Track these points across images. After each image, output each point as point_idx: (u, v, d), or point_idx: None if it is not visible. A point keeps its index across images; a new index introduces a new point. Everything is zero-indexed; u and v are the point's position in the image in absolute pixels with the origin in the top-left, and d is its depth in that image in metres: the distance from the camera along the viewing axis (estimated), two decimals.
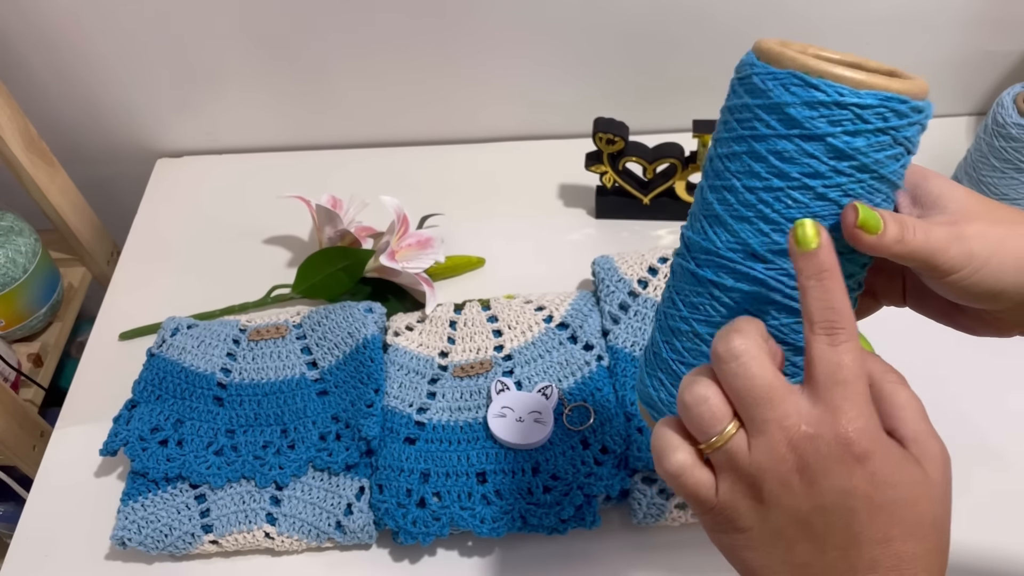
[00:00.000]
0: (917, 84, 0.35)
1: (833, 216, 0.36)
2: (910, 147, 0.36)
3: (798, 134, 0.35)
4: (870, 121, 0.34)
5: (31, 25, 0.84)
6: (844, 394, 0.32)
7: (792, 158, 0.35)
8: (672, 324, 0.40)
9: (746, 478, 0.33)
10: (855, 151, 0.35)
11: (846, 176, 0.35)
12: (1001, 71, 0.90)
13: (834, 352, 0.32)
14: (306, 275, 0.78)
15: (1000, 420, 0.68)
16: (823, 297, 0.33)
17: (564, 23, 0.84)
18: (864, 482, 0.31)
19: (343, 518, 0.62)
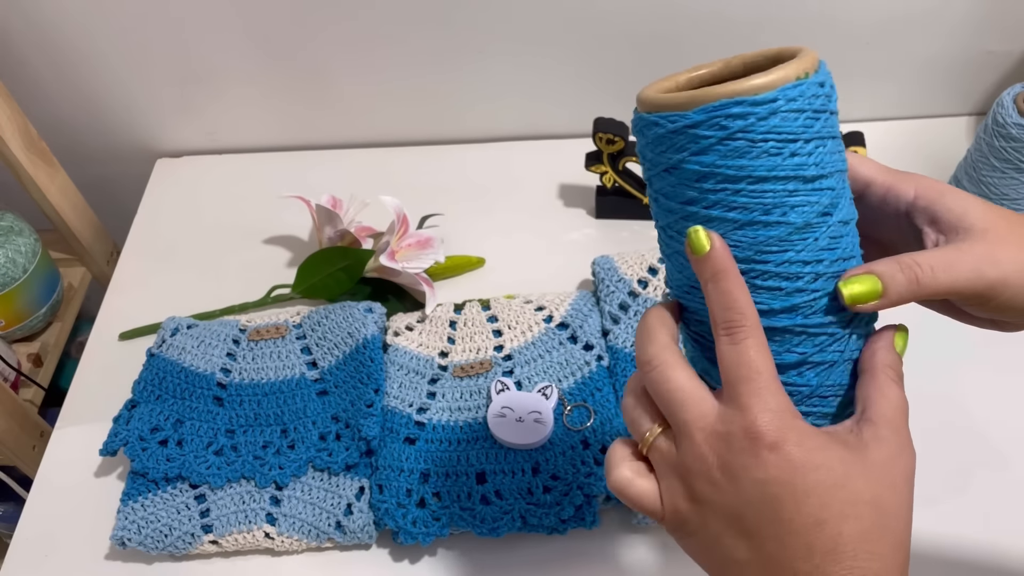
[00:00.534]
0: (777, 74, 0.34)
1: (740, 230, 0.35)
2: (786, 137, 0.34)
3: (661, 170, 0.36)
4: (709, 136, 0.34)
5: (31, 25, 0.84)
6: (749, 389, 0.33)
7: (668, 193, 0.36)
8: None
9: (679, 479, 0.34)
10: (711, 166, 0.34)
11: (720, 192, 0.35)
12: (1001, 71, 0.90)
13: (735, 350, 0.33)
14: (306, 275, 0.78)
15: (1000, 419, 0.68)
16: (720, 298, 0.34)
17: (564, 23, 0.84)
18: (780, 470, 0.32)
19: (343, 518, 0.62)
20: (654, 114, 0.36)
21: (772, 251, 0.35)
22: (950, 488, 0.64)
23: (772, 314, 0.36)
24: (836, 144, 0.36)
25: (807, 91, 0.34)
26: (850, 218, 0.37)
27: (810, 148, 0.35)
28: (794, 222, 0.35)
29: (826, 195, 0.35)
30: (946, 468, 0.65)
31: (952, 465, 0.65)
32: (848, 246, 0.37)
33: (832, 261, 0.36)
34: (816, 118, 0.35)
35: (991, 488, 0.64)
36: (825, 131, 0.35)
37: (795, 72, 0.34)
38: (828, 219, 0.35)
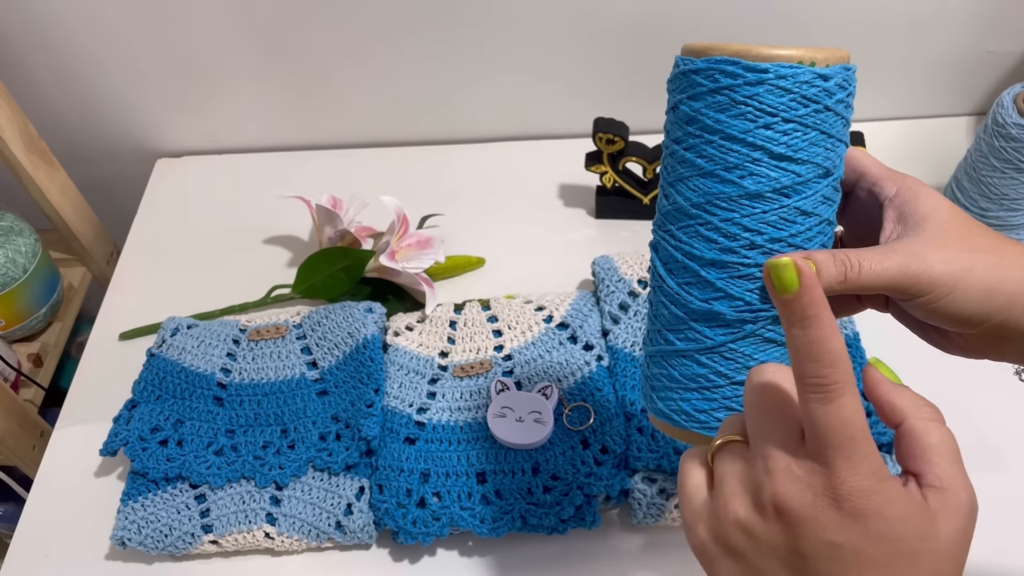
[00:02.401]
0: (779, 51, 0.36)
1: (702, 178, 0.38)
2: (765, 108, 0.36)
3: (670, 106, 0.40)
4: (703, 84, 0.37)
5: (31, 25, 0.84)
6: (844, 454, 0.31)
7: (668, 129, 0.41)
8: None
9: (736, 491, 0.34)
10: (697, 112, 0.38)
11: (696, 138, 0.38)
12: (1001, 71, 0.90)
13: (828, 410, 0.31)
14: (306, 275, 0.78)
15: (1000, 419, 0.68)
16: (811, 348, 0.31)
17: (564, 23, 0.84)
18: (854, 537, 0.31)
19: (343, 518, 0.62)
20: (680, 56, 0.39)
21: (720, 206, 0.37)
22: None
23: (701, 262, 0.38)
24: (825, 140, 0.37)
25: (801, 76, 0.36)
26: (814, 214, 0.38)
27: (785, 128, 0.36)
28: (747, 187, 0.37)
29: (788, 176, 0.37)
30: None
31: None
32: (800, 237, 0.38)
33: (773, 239, 0.37)
34: (803, 104, 0.36)
35: (991, 488, 0.64)
36: (810, 120, 0.37)
37: (799, 56, 0.36)
38: (783, 199, 0.37)
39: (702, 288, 0.39)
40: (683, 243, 0.39)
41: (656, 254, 0.41)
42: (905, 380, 0.37)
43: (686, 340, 0.40)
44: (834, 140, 0.38)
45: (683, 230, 0.39)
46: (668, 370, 0.41)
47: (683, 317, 0.40)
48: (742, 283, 0.38)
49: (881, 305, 0.43)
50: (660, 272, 0.41)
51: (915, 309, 0.38)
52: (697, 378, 0.40)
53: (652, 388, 0.43)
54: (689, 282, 0.39)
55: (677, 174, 0.39)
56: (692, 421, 0.41)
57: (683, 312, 0.40)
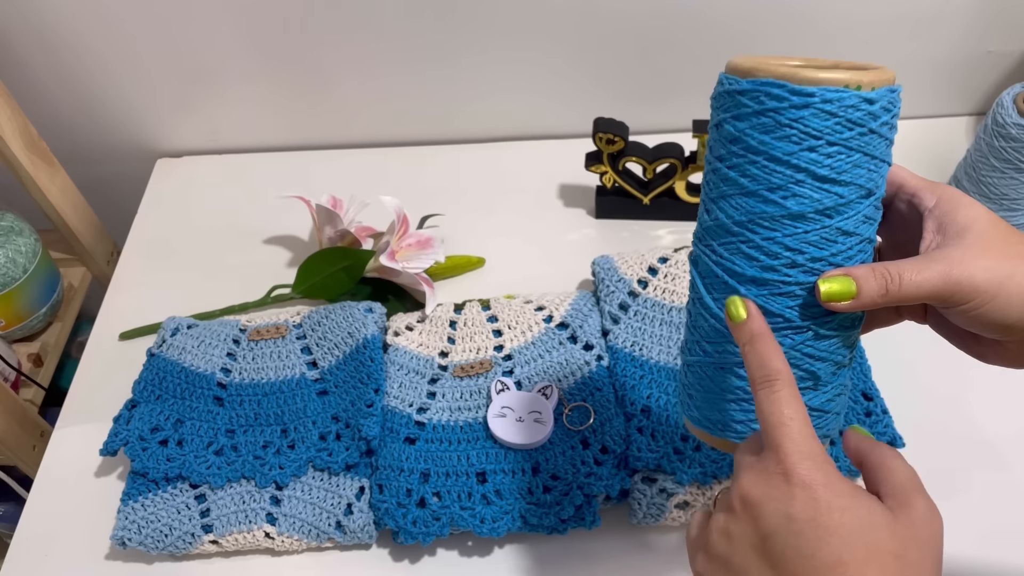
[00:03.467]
0: (827, 75, 0.36)
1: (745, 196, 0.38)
2: (810, 131, 0.36)
3: (713, 123, 0.40)
4: (748, 105, 0.37)
5: (31, 25, 0.84)
6: (784, 433, 0.35)
7: (711, 145, 0.40)
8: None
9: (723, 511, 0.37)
10: (742, 132, 0.38)
11: (741, 158, 0.38)
12: (1001, 71, 0.90)
13: (770, 399, 0.36)
14: (306, 275, 0.78)
15: (1000, 419, 0.68)
16: (757, 358, 0.37)
17: (564, 23, 0.84)
18: (805, 506, 0.34)
19: (343, 518, 0.62)
20: (724, 73, 0.39)
21: (763, 225, 0.38)
22: (950, 488, 0.64)
23: (742, 279, 0.39)
24: (868, 162, 0.37)
25: (847, 100, 0.36)
26: (856, 233, 0.38)
27: (830, 151, 0.37)
28: (790, 208, 0.37)
29: (831, 198, 0.37)
30: (946, 468, 0.65)
31: (952, 465, 0.65)
32: (840, 256, 0.38)
33: (815, 258, 0.38)
34: (848, 127, 0.36)
35: (990, 488, 0.64)
36: (855, 143, 0.37)
37: (845, 80, 0.36)
38: (825, 220, 0.37)
39: None
40: (724, 259, 0.39)
41: (695, 268, 0.42)
42: (906, 381, 0.37)
43: (724, 353, 0.41)
44: (877, 161, 0.38)
45: (724, 246, 0.39)
46: (706, 380, 0.42)
47: (721, 331, 0.40)
48: (782, 300, 0.38)
49: (919, 316, 0.44)
50: (699, 286, 0.41)
51: (956, 317, 0.38)
52: (735, 389, 0.41)
53: (689, 396, 0.43)
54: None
55: (720, 191, 0.39)
56: (729, 431, 0.42)
57: (721, 326, 0.40)
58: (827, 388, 0.41)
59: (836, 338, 0.39)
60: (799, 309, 0.38)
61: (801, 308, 0.38)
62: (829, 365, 0.40)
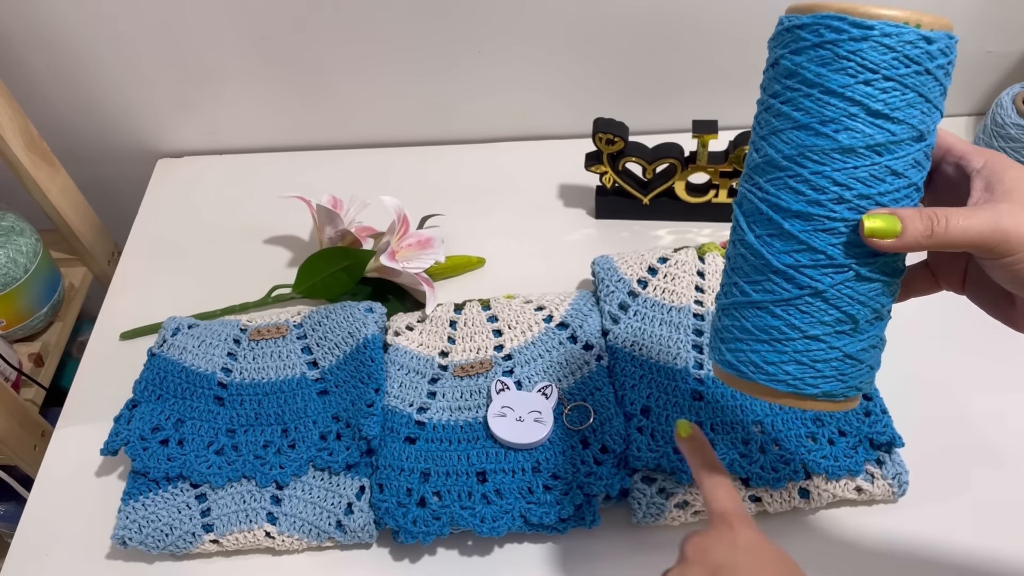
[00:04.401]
0: (886, 10, 0.37)
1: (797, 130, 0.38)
2: (867, 64, 0.37)
3: (770, 64, 0.40)
4: (807, 39, 0.38)
5: (31, 26, 0.84)
6: (724, 504, 0.46)
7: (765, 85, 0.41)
8: None
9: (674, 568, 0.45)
10: (798, 66, 0.38)
11: (795, 92, 0.38)
12: (1001, 71, 0.90)
13: (713, 484, 0.47)
14: (306, 275, 0.78)
15: (1000, 419, 0.68)
16: (700, 460, 0.49)
17: (564, 24, 0.84)
18: (747, 542, 0.44)
19: (343, 517, 0.62)
20: (786, 14, 0.39)
21: (812, 159, 0.38)
22: (949, 488, 0.64)
23: (786, 214, 0.39)
24: (922, 103, 0.38)
25: (906, 36, 0.37)
26: (904, 175, 0.38)
27: (885, 86, 0.37)
28: (841, 141, 0.37)
29: (882, 134, 0.37)
30: (945, 468, 0.65)
31: (951, 465, 0.65)
32: (887, 196, 0.38)
33: (862, 195, 0.38)
34: (905, 64, 0.37)
35: (990, 488, 0.64)
36: (910, 81, 0.37)
37: (904, 16, 0.37)
38: (875, 156, 0.38)
39: (784, 240, 0.39)
40: (770, 195, 0.39)
41: (739, 208, 0.42)
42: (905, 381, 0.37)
43: (762, 291, 0.41)
44: (931, 106, 0.38)
45: (771, 182, 0.39)
46: (741, 321, 0.42)
47: (761, 268, 0.40)
48: (825, 237, 0.38)
49: (958, 285, 0.44)
50: (742, 224, 0.41)
51: (998, 271, 0.39)
52: (770, 329, 0.41)
53: (722, 340, 0.43)
54: (772, 233, 0.40)
55: (771, 127, 0.39)
56: (759, 373, 0.42)
57: (761, 263, 0.40)
58: (864, 336, 0.41)
59: (877, 283, 0.40)
60: (842, 247, 0.38)
61: (844, 246, 0.38)
62: (868, 311, 0.40)
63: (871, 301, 0.40)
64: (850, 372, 0.41)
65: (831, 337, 0.40)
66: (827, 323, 0.40)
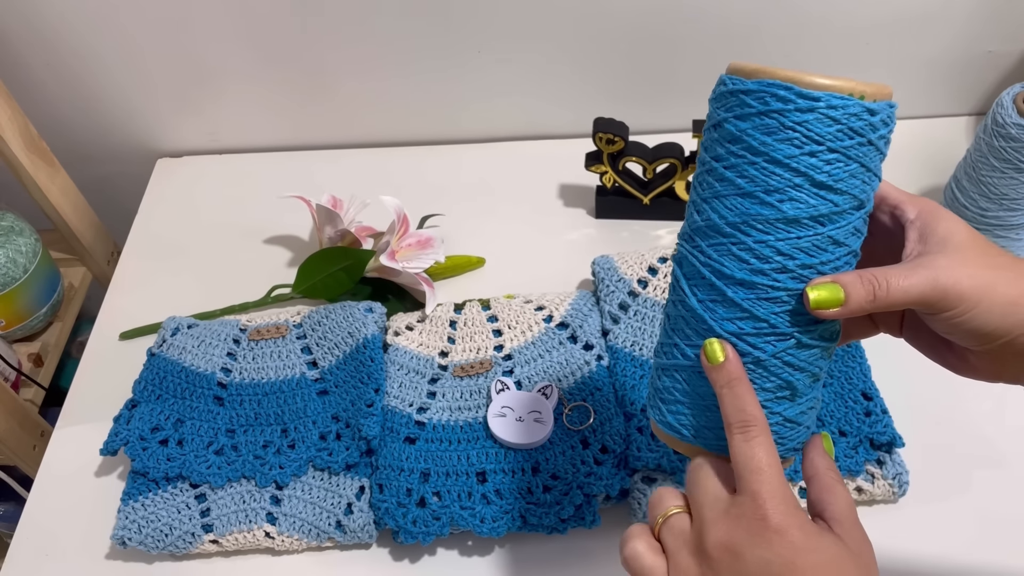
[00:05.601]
0: (832, 81, 0.37)
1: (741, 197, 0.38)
2: (812, 136, 0.37)
3: (711, 124, 0.40)
4: (752, 105, 0.37)
5: (31, 25, 0.84)
6: (761, 480, 0.37)
7: (707, 146, 0.40)
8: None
9: (691, 555, 0.38)
10: (743, 132, 0.38)
11: (740, 158, 0.38)
12: (1001, 71, 0.90)
13: (747, 446, 0.38)
14: (306, 275, 0.78)
15: (1000, 419, 0.68)
16: (735, 402, 0.38)
17: (564, 24, 0.84)
18: (783, 549, 0.35)
19: (343, 517, 0.62)
20: (728, 75, 0.39)
21: (756, 227, 0.38)
22: (949, 487, 0.64)
23: (729, 281, 0.39)
24: (863, 173, 0.38)
25: (851, 108, 0.37)
26: (845, 244, 0.39)
27: (830, 157, 0.37)
28: (785, 212, 0.37)
29: (826, 205, 0.37)
30: (945, 468, 0.65)
31: (951, 465, 0.65)
32: (828, 265, 0.38)
33: (804, 265, 0.38)
34: (850, 136, 0.37)
35: (989, 488, 0.64)
36: (853, 153, 0.37)
37: (850, 88, 0.37)
38: (818, 227, 0.38)
39: (727, 307, 0.39)
40: (713, 260, 0.39)
41: (679, 268, 0.41)
42: (905, 381, 0.37)
43: None
44: (871, 175, 0.38)
45: (714, 247, 0.39)
46: (681, 384, 0.42)
47: (703, 333, 0.40)
48: (768, 305, 0.38)
49: (895, 329, 0.45)
50: (683, 287, 0.41)
51: (938, 324, 0.39)
52: (711, 396, 0.40)
53: (661, 400, 0.43)
54: (714, 299, 0.39)
55: (714, 191, 0.39)
56: (700, 438, 0.41)
57: (704, 328, 0.40)
58: (802, 400, 0.41)
59: (816, 348, 0.40)
60: (785, 316, 0.38)
61: (787, 315, 0.38)
62: (807, 376, 0.40)
63: (810, 366, 0.40)
64: (789, 435, 0.41)
65: (772, 403, 0.40)
66: (768, 389, 0.40)
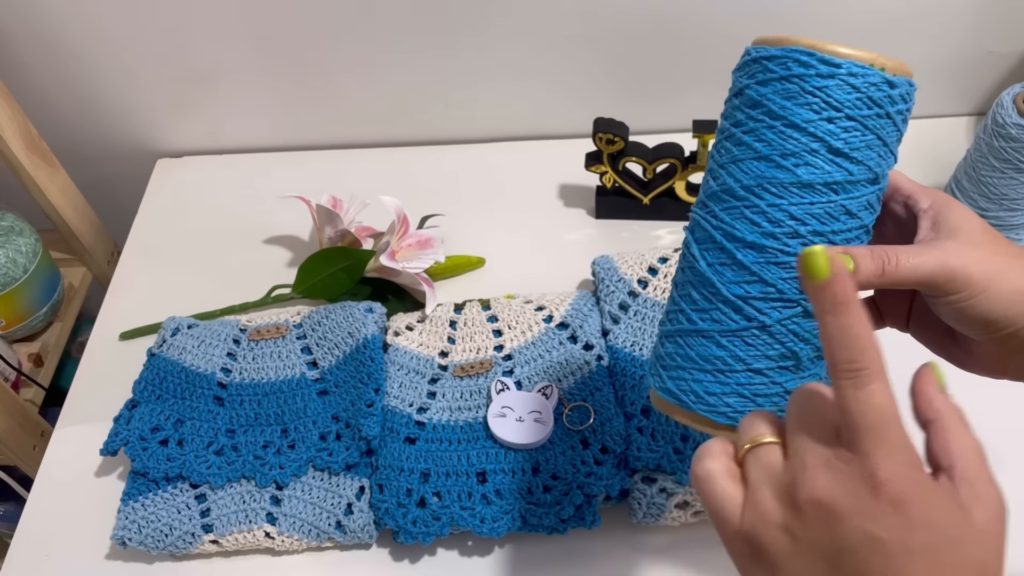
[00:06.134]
0: (854, 51, 0.37)
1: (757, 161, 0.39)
2: (831, 102, 0.37)
3: (733, 93, 0.41)
4: (774, 71, 0.38)
5: (31, 26, 0.84)
6: (877, 438, 0.31)
7: (727, 114, 0.41)
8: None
9: (777, 498, 0.32)
10: (763, 97, 0.38)
11: (759, 122, 0.39)
12: (1001, 71, 0.90)
13: (860, 395, 0.31)
14: (306, 275, 0.78)
15: (1000, 419, 0.68)
16: (842, 335, 0.31)
17: (565, 24, 0.84)
18: (896, 525, 0.30)
19: (343, 518, 0.62)
20: (752, 46, 0.40)
21: (770, 191, 0.38)
22: None
23: (740, 244, 0.39)
24: (879, 146, 0.38)
25: (871, 78, 0.37)
26: (857, 216, 0.39)
27: (847, 125, 0.37)
28: (800, 176, 0.38)
29: (841, 173, 0.38)
30: None
31: None
32: (840, 235, 0.39)
33: (815, 232, 0.38)
34: (868, 105, 0.37)
35: None
36: (871, 123, 0.38)
37: (870, 59, 0.37)
38: (831, 194, 0.38)
39: (736, 270, 0.39)
40: (724, 223, 0.39)
41: (691, 234, 0.42)
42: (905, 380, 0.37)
43: (710, 320, 0.40)
44: (887, 149, 0.39)
45: (727, 211, 0.39)
46: (685, 349, 0.41)
47: (710, 297, 0.40)
48: (777, 270, 0.38)
49: (902, 323, 0.45)
50: (693, 251, 0.41)
51: (944, 308, 0.39)
52: (714, 360, 0.40)
53: (663, 367, 0.43)
54: (723, 263, 0.40)
55: (731, 156, 0.40)
56: (700, 403, 0.41)
57: (711, 292, 0.40)
58: (805, 374, 0.40)
59: None
60: (793, 282, 0.38)
61: (795, 281, 0.38)
62: (810, 349, 0.40)
63: (815, 339, 0.40)
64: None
65: (774, 372, 0.40)
66: (771, 357, 0.40)
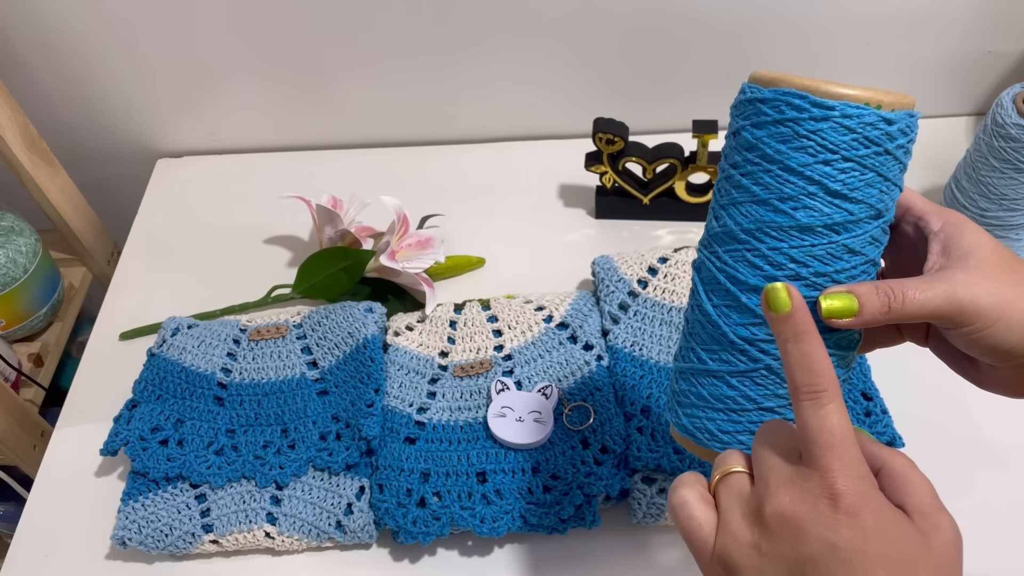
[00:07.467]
0: (848, 91, 0.37)
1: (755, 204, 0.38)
2: (826, 145, 0.37)
3: (731, 131, 0.41)
4: (768, 114, 0.38)
5: (32, 25, 0.84)
6: (834, 455, 0.33)
7: (726, 153, 0.41)
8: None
9: (745, 520, 0.34)
10: (759, 140, 0.38)
11: (755, 166, 0.38)
12: (1001, 71, 0.90)
13: (818, 415, 0.33)
14: (306, 275, 0.78)
15: (1000, 419, 0.68)
16: (802, 360, 0.34)
17: (564, 23, 0.84)
18: (853, 535, 0.32)
19: (343, 518, 0.62)
20: (747, 83, 0.39)
21: (770, 235, 0.38)
22: (949, 488, 0.64)
23: (743, 287, 0.39)
24: (880, 183, 0.38)
25: (866, 118, 0.37)
26: (861, 253, 0.38)
27: (844, 166, 0.37)
28: (799, 219, 0.37)
29: (840, 214, 0.37)
30: (945, 468, 0.65)
31: (951, 465, 0.65)
32: (844, 274, 0.38)
33: (818, 273, 0.38)
34: (865, 145, 0.37)
35: (990, 488, 0.64)
36: (869, 162, 0.37)
37: (866, 97, 0.37)
38: (832, 235, 0.38)
39: (741, 313, 0.39)
40: (728, 266, 0.39)
41: (698, 274, 0.42)
42: (905, 381, 0.37)
43: (719, 361, 0.40)
44: (889, 184, 0.38)
45: (729, 253, 0.39)
46: (697, 388, 0.42)
47: (718, 338, 0.40)
48: None
49: (920, 339, 0.44)
50: (700, 292, 0.41)
51: (957, 339, 0.38)
52: (725, 399, 0.41)
53: (679, 403, 0.43)
54: (729, 305, 0.40)
55: (731, 198, 0.39)
56: (715, 441, 0.42)
57: (718, 334, 0.40)
58: None
59: (832, 357, 0.39)
60: None
61: None
62: None
63: None
64: None
65: (785, 410, 0.40)
66: (781, 396, 0.40)
